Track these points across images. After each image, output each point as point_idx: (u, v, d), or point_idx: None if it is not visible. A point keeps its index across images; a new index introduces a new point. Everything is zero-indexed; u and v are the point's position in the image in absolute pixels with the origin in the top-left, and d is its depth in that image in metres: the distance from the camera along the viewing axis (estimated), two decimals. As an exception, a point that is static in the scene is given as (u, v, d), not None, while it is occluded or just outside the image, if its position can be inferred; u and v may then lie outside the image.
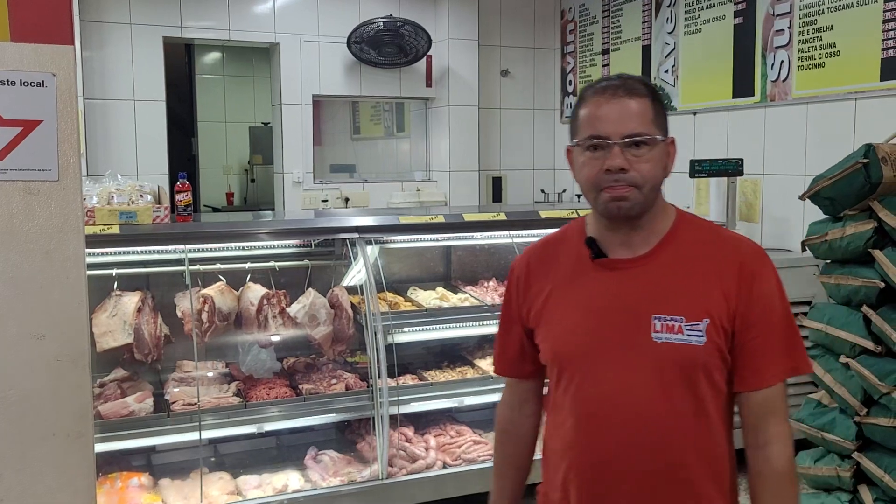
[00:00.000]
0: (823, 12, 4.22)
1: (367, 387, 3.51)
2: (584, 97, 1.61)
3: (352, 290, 3.71)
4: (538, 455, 1.76)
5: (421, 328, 3.75)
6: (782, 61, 4.48)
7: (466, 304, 3.96)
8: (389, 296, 3.90)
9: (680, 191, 5.25)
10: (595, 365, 1.57)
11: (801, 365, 1.62)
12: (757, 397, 1.57)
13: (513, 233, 3.94)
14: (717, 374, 1.55)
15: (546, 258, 1.72)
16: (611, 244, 1.62)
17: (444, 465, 3.57)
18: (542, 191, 6.54)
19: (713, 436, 1.57)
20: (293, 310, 3.53)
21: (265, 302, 3.47)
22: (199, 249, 3.46)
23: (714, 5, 4.95)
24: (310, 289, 3.64)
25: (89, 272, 1.79)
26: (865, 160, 2.82)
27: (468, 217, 3.91)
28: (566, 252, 1.69)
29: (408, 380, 3.72)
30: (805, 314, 3.17)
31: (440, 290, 4.10)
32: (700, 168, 4.35)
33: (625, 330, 1.56)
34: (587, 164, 1.57)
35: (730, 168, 4.38)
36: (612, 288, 1.60)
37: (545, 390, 1.77)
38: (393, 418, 3.51)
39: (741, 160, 4.40)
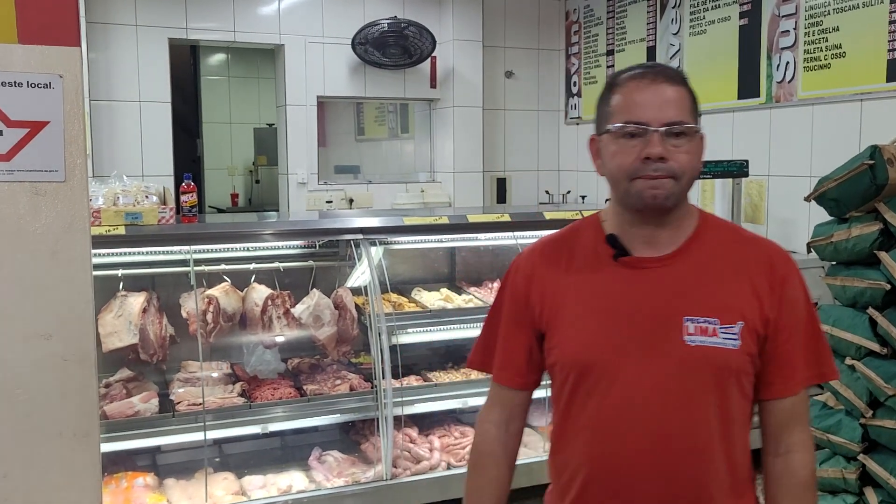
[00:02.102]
0: (829, 13, 4.21)
1: (372, 388, 3.51)
2: (616, 83, 1.50)
3: (356, 291, 3.72)
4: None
5: (425, 329, 3.77)
6: (788, 62, 4.47)
7: (470, 305, 3.96)
8: (393, 297, 3.90)
9: (685, 192, 5.25)
10: (619, 372, 1.45)
11: (828, 371, 1.56)
12: (783, 405, 1.51)
13: (517, 234, 3.94)
14: (746, 380, 1.48)
15: (557, 256, 1.58)
16: (633, 242, 1.51)
17: (449, 466, 3.57)
18: (547, 192, 6.53)
19: (736, 445, 1.48)
20: (297, 310, 3.54)
21: (270, 303, 3.47)
22: (203, 250, 3.48)
23: (719, 6, 4.95)
24: (314, 290, 3.65)
25: (95, 273, 1.79)
26: (871, 161, 2.82)
27: (472, 218, 3.91)
28: (581, 250, 1.56)
29: (412, 381, 3.72)
30: (810, 316, 3.17)
31: (444, 291, 4.11)
32: (705, 169, 4.34)
33: (653, 333, 1.45)
34: (621, 153, 1.45)
35: (735, 169, 4.38)
36: (637, 288, 1.48)
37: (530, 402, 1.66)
38: (397, 419, 3.51)
39: (746, 161, 4.39)
